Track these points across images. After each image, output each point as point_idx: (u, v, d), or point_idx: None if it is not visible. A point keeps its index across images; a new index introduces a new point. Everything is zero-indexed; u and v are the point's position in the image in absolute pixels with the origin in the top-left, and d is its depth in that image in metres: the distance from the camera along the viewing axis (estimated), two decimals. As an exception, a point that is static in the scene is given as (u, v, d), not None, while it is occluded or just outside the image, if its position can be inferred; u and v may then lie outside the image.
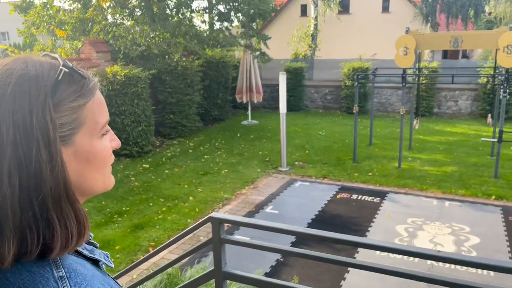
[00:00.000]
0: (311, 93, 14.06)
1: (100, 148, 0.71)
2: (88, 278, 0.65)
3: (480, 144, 8.84)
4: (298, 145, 9.18)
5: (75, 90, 0.67)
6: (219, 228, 1.96)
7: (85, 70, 0.72)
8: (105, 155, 0.73)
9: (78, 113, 0.67)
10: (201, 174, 7.45)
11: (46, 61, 0.67)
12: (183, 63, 9.61)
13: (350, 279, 4.02)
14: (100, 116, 0.71)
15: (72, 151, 0.67)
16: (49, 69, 0.65)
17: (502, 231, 5.01)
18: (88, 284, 0.64)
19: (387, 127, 10.93)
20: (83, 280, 0.64)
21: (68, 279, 0.62)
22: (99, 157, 0.71)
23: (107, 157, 0.73)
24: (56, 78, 0.64)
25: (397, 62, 7.27)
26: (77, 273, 0.64)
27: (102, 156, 0.72)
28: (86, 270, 0.66)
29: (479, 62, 14.09)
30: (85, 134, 0.68)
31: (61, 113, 0.64)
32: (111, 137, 0.76)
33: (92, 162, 0.70)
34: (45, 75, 0.64)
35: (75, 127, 0.66)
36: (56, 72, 0.65)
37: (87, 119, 0.68)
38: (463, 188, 6.41)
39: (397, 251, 2.15)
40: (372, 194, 6.30)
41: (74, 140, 0.67)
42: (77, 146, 0.67)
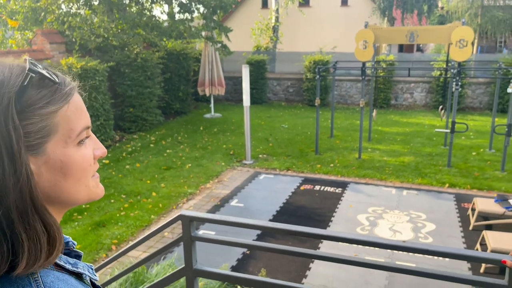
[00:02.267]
0: (274, 86, 14.14)
1: (76, 157, 0.66)
2: None
3: (434, 135, 9.25)
4: (262, 138, 9.23)
5: (45, 95, 0.62)
6: (189, 226, 1.94)
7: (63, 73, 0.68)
8: (84, 166, 0.67)
9: (48, 121, 0.62)
10: (164, 169, 7.33)
11: (18, 66, 0.63)
12: (143, 55, 9.38)
13: (315, 269, 4.12)
14: (76, 123, 0.66)
15: (43, 161, 0.62)
16: (18, 74, 0.61)
17: (456, 218, 5.28)
18: None
19: (347, 119, 11.20)
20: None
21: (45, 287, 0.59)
22: (75, 168, 0.66)
23: (86, 167, 0.68)
24: (22, 83, 0.60)
25: (357, 56, 7.45)
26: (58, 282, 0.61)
27: (80, 167, 0.67)
28: (68, 287, 0.63)
29: (432, 55, 14.69)
30: (57, 142, 0.63)
31: (27, 121, 0.60)
32: (95, 145, 0.71)
33: (67, 172, 0.65)
34: (12, 80, 0.60)
35: (45, 135, 0.62)
36: (22, 77, 0.61)
37: (60, 126, 0.64)
38: (419, 177, 6.70)
39: (358, 241, 2.22)
40: (334, 185, 6.46)
41: (44, 149, 0.62)
42: (48, 155, 0.63)
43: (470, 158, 7.68)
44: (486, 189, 6.18)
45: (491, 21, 17.49)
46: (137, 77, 9.37)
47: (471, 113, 11.86)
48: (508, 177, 6.64)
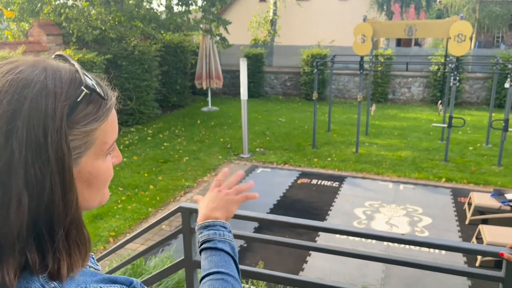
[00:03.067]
0: (271, 80, 14.12)
1: (103, 169, 0.66)
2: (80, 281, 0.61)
3: (432, 129, 9.28)
4: (259, 132, 9.23)
5: (91, 112, 0.61)
6: (189, 218, 1.95)
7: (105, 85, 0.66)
8: (107, 177, 0.67)
9: (90, 137, 0.61)
10: (161, 162, 7.33)
11: (65, 72, 0.61)
12: (140, 48, 9.33)
13: (312, 262, 4.14)
14: (110, 136, 0.65)
15: (75, 172, 0.61)
16: (69, 84, 0.59)
17: (452, 212, 5.32)
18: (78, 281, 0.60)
19: (345, 113, 11.21)
20: None
21: None
22: (100, 179, 0.66)
23: (109, 178, 0.68)
24: (75, 99, 0.59)
25: (355, 50, 7.44)
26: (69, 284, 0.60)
27: (104, 178, 0.67)
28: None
29: (430, 50, 14.69)
30: (91, 155, 0.63)
31: (74, 136, 0.59)
32: (114, 154, 0.71)
33: (92, 183, 0.65)
34: (64, 92, 0.58)
35: (84, 150, 0.61)
36: (75, 91, 0.59)
37: (97, 140, 0.63)
38: (416, 172, 6.72)
39: (356, 234, 2.23)
40: (331, 179, 6.47)
41: (80, 162, 0.62)
42: (80, 167, 0.62)
43: (467, 152, 7.71)
44: (482, 184, 6.21)
45: (488, 16, 17.50)
46: (135, 69, 9.33)
47: (468, 108, 11.89)
48: (504, 172, 6.68)
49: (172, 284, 3.12)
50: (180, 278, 3.17)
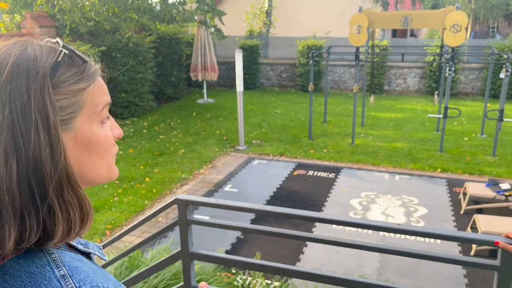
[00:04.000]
0: (267, 71, 14.07)
1: (101, 135, 0.68)
2: (90, 274, 0.62)
3: (427, 120, 9.30)
4: (255, 124, 9.21)
5: (76, 73, 0.65)
6: (185, 210, 1.95)
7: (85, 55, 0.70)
8: (107, 143, 0.70)
9: (78, 97, 0.64)
10: (157, 154, 7.31)
11: (45, 45, 0.65)
12: (135, 40, 9.25)
13: (308, 253, 4.16)
14: (100, 99, 0.69)
15: (72, 137, 0.64)
16: (49, 51, 0.63)
17: (447, 202, 5.35)
18: (92, 280, 0.61)
19: (341, 104, 11.21)
20: (86, 277, 0.61)
21: (70, 277, 0.60)
22: (100, 145, 0.68)
23: (109, 146, 0.70)
24: (56, 59, 0.62)
25: (350, 40, 7.42)
26: (79, 270, 0.62)
27: (104, 144, 0.69)
28: (85, 266, 0.64)
29: (426, 40, 14.67)
30: (84, 118, 0.66)
31: (61, 96, 0.62)
32: (113, 126, 0.73)
33: (93, 150, 0.67)
34: (44, 56, 0.62)
35: (74, 110, 0.64)
36: (56, 54, 0.63)
37: (87, 102, 0.66)
38: (412, 162, 6.75)
39: (352, 224, 2.24)
40: (327, 170, 6.49)
41: (73, 125, 0.64)
42: (76, 131, 0.65)
43: (462, 143, 7.75)
44: (477, 174, 6.25)
45: (484, 6, 17.48)
46: (129, 62, 9.26)
47: (463, 99, 11.93)
48: (499, 162, 6.72)
49: (169, 276, 3.13)
50: (177, 270, 3.18)
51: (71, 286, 0.59)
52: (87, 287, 0.60)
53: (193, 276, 2.08)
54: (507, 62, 6.58)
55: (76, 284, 0.59)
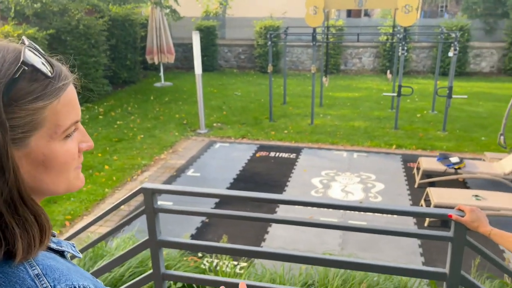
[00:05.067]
0: (225, 53, 13.92)
1: (61, 152, 0.64)
2: (65, 272, 0.62)
3: (382, 98, 9.61)
4: (215, 106, 9.15)
5: (35, 89, 0.59)
6: (152, 199, 1.93)
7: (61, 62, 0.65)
8: (66, 159, 0.65)
9: (35, 116, 0.59)
10: (115, 141, 7.12)
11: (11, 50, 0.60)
12: (85, 22, 8.84)
13: (273, 232, 4.25)
14: (64, 119, 0.63)
15: (24, 153, 0.60)
16: (11, 62, 0.58)
17: (403, 177, 5.61)
18: (67, 278, 0.61)
19: (299, 85, 11.33)
20: (61, 276, 0.61)
21: (45, 276, 0.59)
22: (58, 162, 0.64)
23: (70, 161, 0.66)
24: (13, 75, 0.57)
25: (307, 21, 7.46)
26: (53, 269, 0.61)
27: (62, 161, 0.65)
28: (59, 265, 0.63)
29: (379, 20, 15.02)
30: (42, 136, 0.61)
31: (13, 114, 0.57)
32: (81, 138, 0.69)
33: (49, 166, 0.63)
34: (3, 70, 0.57)
35: (30, 129, 0.59)
36: (16, 68, 0.58)
37: (47, 121, 0.61)
38: (369, 140, 6.99)
39: (315, 204, 2.32)
40: (288, 150, 6.59)
41: (28, 143, 0.60)
42: (31, 148, 0.61)
43: (415, 120, 8.09)
44: (429, 149, 6.57)
45: (433, -14, 18.05)
46: (80, 45, 8.86)
47: (415, 77, 12.39)
48: (449, 137, 7.09)
49: (136, 264, 3.11)
50: (143, 258, 3.16)
51: (46, 285, 0.58)
52: (62, 286, 0.59)
53: (162, 263, 2.08)
54: (455, 41, 6.88)
55: (51, 283, 0.59)
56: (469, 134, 7.21)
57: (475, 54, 12.87)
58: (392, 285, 2.87)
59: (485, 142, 6.81)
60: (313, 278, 3.03)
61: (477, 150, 6.47)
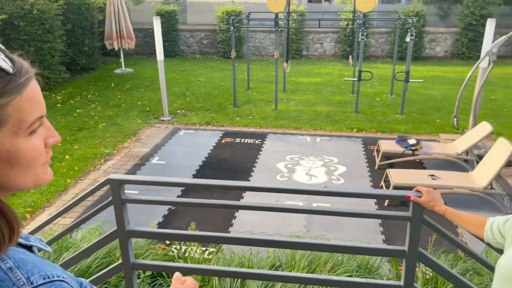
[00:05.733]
0: (187, 38, 13.70)
1: (26, 148, 0.64)
2: (37, 264, 0.63)
3: (343, 83, 9.82)
4: (179, 93, 9.04)
5: None
6: (119, 189, 1.92)
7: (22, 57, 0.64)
8: (33, 155, 0.65)
9: None
10: (76, 130, 6.92)
11: None
12: (39, 6, 8.42)
13: (240, 217, 4.32)
14: (28, 114, 0.63)
15: None
16: None
17: (363, 159, 5.82)
18: (40, 270, 0.62)
19: (262, 70, 11.36)
20: (33, 267, 0.62)
21: (18, 268, 0.61)
22: (24, 158, 0.64)
23: (36, 157, 0.66)
24: None
25: (269, 7, 7.47)
26: (25, 261, 0.62)
27: (29, 157, 0.65)
28: (30, 257, 0.64)
29: (339, 6, 15.22)
30: (6, 133, 0.61)
31: None
32: (48, 133, 0.69)
33: (14, 162, 0.63)
34: None
35: None
36: None
37: (10, 117, 0.61)
38: (331, 124, 7.16)
39: (280, 190, 2.39)
40: (253, 136, 6.65)
41: None
42: None
43: (375, 104, 8.35)
44: (388, 132, 6.83)
45: (391, -28, 18.42)
46: (35, 30, 8.46)
47: (374, 61, 12.71)
48: (406, 120, 7.38)
49: (103, 254, 3.09)
50: (110, 248, 3.14)
51: (19, 277, 0.60)
52: (36, 277, 0.61)
53: (131, 253, 2.09)
54: (411, 26, 7.11)
55: (24, 275, 0.60)
56: (425, 117, 7.54)
57: (430, 39, 13.35)
58: (356, 264, 3.01)
59: (440, 124, 7.15)
60: (281, 260, 3.13)
61: (432, 131, 6.79)
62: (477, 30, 12.52)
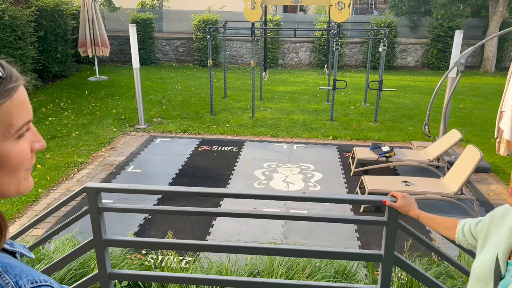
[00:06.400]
0: (163, 46, 13.63)
1: (14, 151, 0.65)
2: (25, 269, 0.63)
3: (318, 92, 9.97)
4: (155, 101, 8.97)
5: None
6: (96, 198, 1.89)
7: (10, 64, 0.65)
8: (20, 159, 0.66)
9: None
10: (48, 138, 6.75)
11: None
12: (11, 12, 8.23)
13: (217, 225, 4.30)
14: (17, 118, 0.64)
15: None
16: None
17: (339, 166, 5.91)
18: (28, 274, 0.62)
19: (239, 79, 11.41)
20: (21, 272, 0.62)
21: (6, 273, 0.61)
22: (12, 161, 0.65)
23: (23, 161, 0.67)
24: None
25: (246, 16, 7.53)
26: (12, 266, 0.62)
27: (16, 161, 0.66)
28: (17, 262, 0.65)
29: (314, 16, 15.49)
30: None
31: None
32: (34, 138, 0.70)
33: (2, 165, 0.64)
34: None
35: None
36: None
37: (0, 121, 0.62)
38: (307, 132, 7.25)
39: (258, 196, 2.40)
40: (231, 144, 6.66)
41: None
42: None
43: (349, 112, 8.51)
44: (363, 139, 6.96)
45: (364, -16, 18.93)
46: (6, 37, 8.25)
47: (348, 71, 12.97)
48: (380, 127, 7.55)
49: (77, 265, 3.02)
50: (84, 259, 3.07)
51: (8, 281, 0.60)
52: (24, 281, 0.61)
53: (108, 263, 2.05)
54: (384, 37, 7.32)
55: (13, 279, 0.60)
56: (398, 125, 7.74)
57: (402, 49, 13.74)
58: (333, 269, 3.05)
59: (412, 132, 7.34)
60: (259, 267, 3.13)
61: (405, 139, 6.97)
62: (445, 42, 12.98)
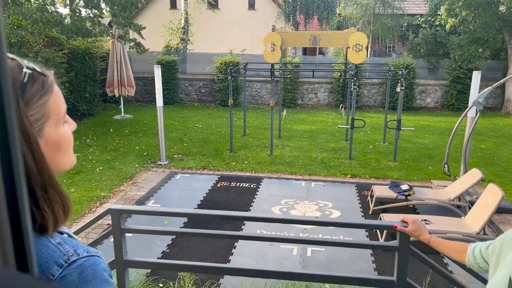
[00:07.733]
0: (186, 86, 14.13)
1: (65, 134, 0.79)
2: (78, 243, 0.76)
3: (337, 131, 10.07)
4: (176, 138, 9.22)
5: (38, 88, 0.73)
6: (119, 219, 2.00)
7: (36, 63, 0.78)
8: (70, 139, 0.81)
9: (45, 108, 0.74)
10: (73, 173, 6.99)
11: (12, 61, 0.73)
12: (44, 54, 8.79)
13: (233, 260, 4.31)
14: (62, 106, 0.78)
15: (44, 141, 0.74)
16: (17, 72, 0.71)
17: (357, 204, 5.89)
18: (82, 246, 0.75)
19: (258, 118, 11.65)
20: (77, 244, 0.75)
21: (65, 243, 0.73)
22: (66, 142, 0.79)
23: (71, 141, 0.81)
24: (22, 80, 0.71)
25: (265, 58, 7.84)
26: (69, 240, 0.75)
27: (68, 141, 0.80)
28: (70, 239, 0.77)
29: (333, 58, 15.89)
30: (51, 124, 0.75)
31: (32, 111, 0.71)
32: (68, 121, 0.83)
33: (62, 148, 0.78)
34: (14, 77, 0.70)
35: (44, 121, 0.74)
36: (22, 75, 0.71)
37: (52, 111, 0.75)
38: (325, 170, 7.28)
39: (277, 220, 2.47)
40: (249, 180, 6.74)
41: (44, 132, 0.74)
42: (46, 136, 0.75)
43: (368, 151, 8.54)
44: (382, 178, 6.95)
45: (381, 28, 19.42)
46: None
47: (367, 111, 13.09)
48: (399, 166, 7.53)
49: None
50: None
51: (68, 250, 0.73)
52: (81, 251, 0.74)
53: (128, 283, 2.12)
54: (401, 77, 7.46)
55: (72, 248, 0.73)
56: (418, 164, 7.70)
57: (421, 90, 13.85)
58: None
59: (432, 171, 7.29)
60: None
61: (425, 178, 6.92)
62: (465, 83, 13.03)
